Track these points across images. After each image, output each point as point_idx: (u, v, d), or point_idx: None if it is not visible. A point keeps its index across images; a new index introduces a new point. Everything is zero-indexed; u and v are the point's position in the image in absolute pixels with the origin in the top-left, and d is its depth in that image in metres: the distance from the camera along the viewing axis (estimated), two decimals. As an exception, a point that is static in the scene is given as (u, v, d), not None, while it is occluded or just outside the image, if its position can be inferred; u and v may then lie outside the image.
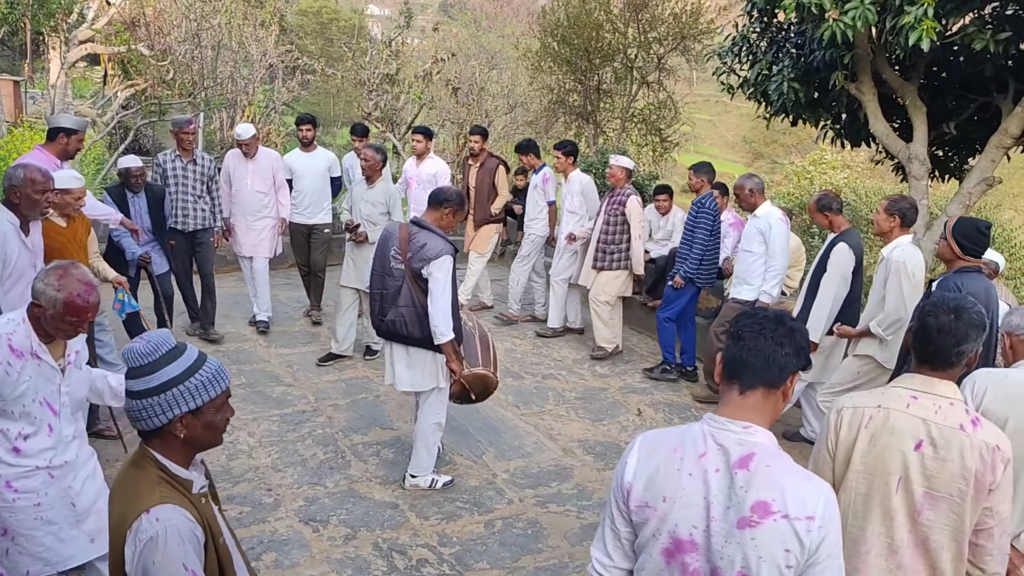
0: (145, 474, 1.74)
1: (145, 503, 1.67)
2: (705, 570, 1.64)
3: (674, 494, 1.67)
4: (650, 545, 1.70)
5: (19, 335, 2.55)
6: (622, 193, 6.57)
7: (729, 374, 1.74)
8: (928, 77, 7.11)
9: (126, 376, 1.76)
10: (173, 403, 1.74)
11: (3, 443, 2.61)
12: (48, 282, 2.52)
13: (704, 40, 11.59)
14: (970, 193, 6.53)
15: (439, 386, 4.23)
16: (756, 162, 35.33)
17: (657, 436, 1.78)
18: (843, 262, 4.88)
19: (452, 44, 17.98)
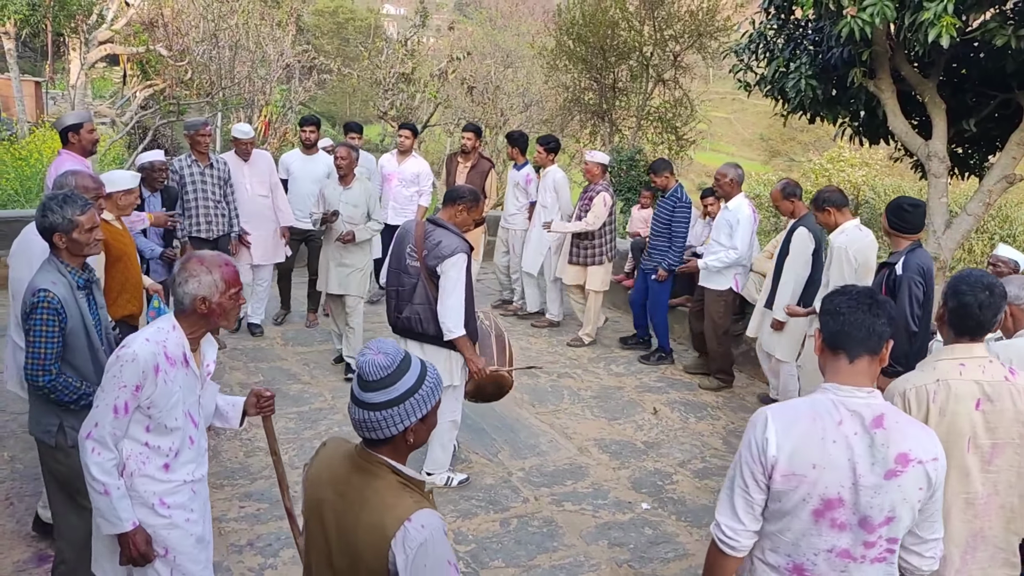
0: (385, 482, 1.76)
1: (403, 511, 1.70)
2: (852, 521, 1.90)
3: (822, 461, 1.88)
4: (798, 509, 1.92)
5: (171, 342, 2.43)
6: (593, 189, 6.75)
7: (834, 346, 1.98)
8: (948, 74, 7.03)
9: (363, 389, 1.74)
10: (411, 411, 1.75)
11: (155, 460, 2.48)
12: (196, 271, 2.42)
13: (720, 37, 11.53)
14: (990, 191, 6.46)
15: (454, 384, 4.24)
16: (773, 159, 35.11)
17: (788, 411, 1.98)
18: (804, 245, 5.22)
19: (467, 43, 18.03)
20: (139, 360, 2.34)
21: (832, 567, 1.93)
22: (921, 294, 3.91)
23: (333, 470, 1.84)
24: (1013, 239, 13.93)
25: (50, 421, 2.87)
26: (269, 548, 3.73)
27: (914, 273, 3.91)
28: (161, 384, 2.39)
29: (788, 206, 5.50)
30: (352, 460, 1.81)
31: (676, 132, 12.18)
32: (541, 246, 7.21)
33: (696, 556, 3.91)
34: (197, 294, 2.42)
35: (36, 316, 2.71)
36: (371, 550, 1.70)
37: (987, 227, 14.10)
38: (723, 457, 5.06)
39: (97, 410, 2.38)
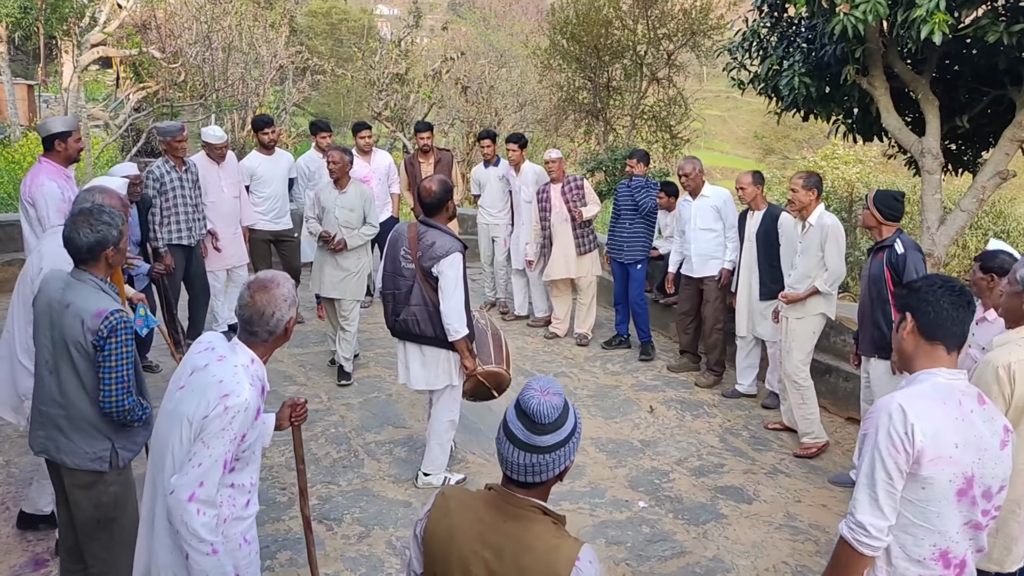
0: (543, 525, 1.70)
1: (570, 551, 1.67)
2: (978, 493, 2.00)
3: (961, 440, 1.98)
4: (945, 491, 1.98)
5: (257, 378, 2.32)
6: (574, 179, 6.94)
7: (933, 338, 2.08)
8: (941, 70, 7.05)
9: (537, 432, 1.66)
10: (573, 449, 1.72)
11: (239, 498, 2.36)
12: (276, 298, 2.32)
13: (714, 35, 11.54)
14: (984, 187, 6.47)
15: (453, 384, 4.24)
16: (767, 157, 35.16)
17: (919, 397, 2.02)
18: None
19: (461, 43, 18.01)
20: (251, 409, 2.24)
21: (965, 538, 2.04)
22: (924, 269, 4.27)
23: (476, 521, 1.73)
24: (1007, 235, 13.96)
25: (102, 446, 2.79)
26: (266, 550, 3.72)
27: (915, 250, 4.30)
28: (259, 426, 2.32)
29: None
30: (498, 507, 1.73)
31: (670, 131, 12.19)
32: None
33: (693, 554, 3.91)
34: (289, 316, 2.34)
35: (118, 339, 2.64)
36: None
37: (981, 223, 14.13)
38: (719, 455, 5.07)
39: (201, 468, 2.17)
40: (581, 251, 6.90)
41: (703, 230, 6.13)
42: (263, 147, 6.73)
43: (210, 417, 2.18)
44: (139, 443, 2.93)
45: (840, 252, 4.96)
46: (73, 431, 2.77)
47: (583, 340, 7.07)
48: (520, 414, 1.69)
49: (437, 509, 1.79)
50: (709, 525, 4.20)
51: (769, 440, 5.34)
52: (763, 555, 3.94)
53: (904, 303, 2.15)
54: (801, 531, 4.18)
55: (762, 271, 5.59)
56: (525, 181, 7.31)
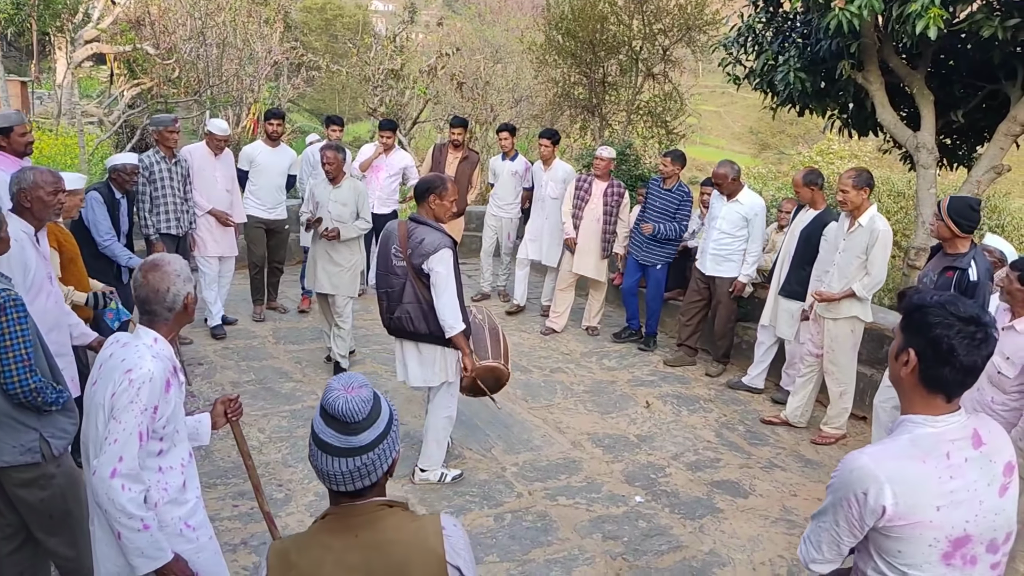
0: (392, 517, 1.61)
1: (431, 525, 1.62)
2: (980, 551, 1.77)
3: (947, 501, 1.73)
4: (926, 554, 1.75)
5: (163, 355, 2.28)
6: (619, 185, 6.92)
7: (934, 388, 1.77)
8: (936, 65, 7.06)
9: (351, 433, 1.55)
10: (395, 441, 1.63)
11: (173, 481, 2.34)
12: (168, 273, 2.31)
13: (709, 31, 11.51)
14: (979, 181, 6.49)
15: (449, 380, 4.24)
16: (763, 152, 35.17)
17: (894, 459, 1.76)
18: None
19: (456, 38, 17.98)
20: (156, 379, 2.20)
21: None
22: (988, 304, 3.86)
23: (324, 558, 1.57)
24: (1002, 229, 13.97)
25: (29, 437, 2.70)
26: (262, 547, 3.72)
27: (987, 279, 3.92)
28: (172, 399, 2.29)
29: (808, 193, 5.51)
30: (344, 526, 1.59)
31: (666, 126, 12.17)
32: (555, 238, 7.27)
33: (689, 548, 3.92)
34: (186, 291, 2.35)
35: (7, 316, 2.57)
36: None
37: (975, 218, 14.13)
38: (715, 450, 5.08)
39: (116, 444, 2.16)
40: (605, 255, 6.97)
41: (724, 233, 6.07)
42: (268, 137, 6.85)
43: (117, 393, 2.17)
44: (68, 431, 2.83)
45: (886, 259, 4.82)
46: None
47: (593, 332, 7.24)
48: (328, 419, 1.56)
49: (275, 570, 1.59)
50: (705, 519, 4.21)
51: (765, 435, 5.35)
52: (759, 549, 3.95)
53: (910, 337, 1.79)
54: (797, 525, 4.19)
55: (792, 269, 5.54)
56: (554, 177, 7.30)
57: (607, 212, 6.83)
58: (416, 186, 4.21)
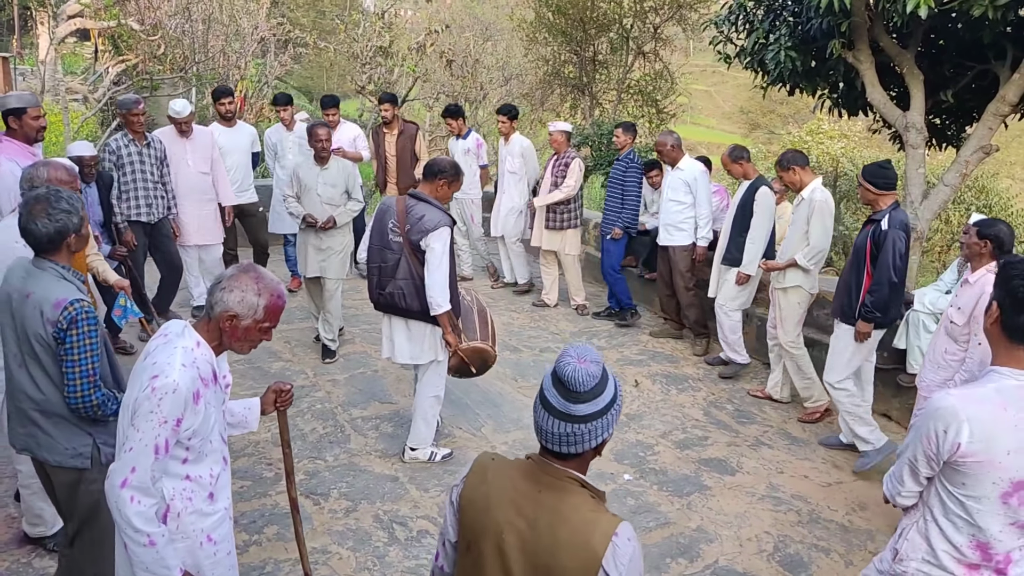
0: (580, 497, 1.66)
1: (607, 526, 1.62)
2: None
3: (1017, 447, 1.96)
4: (987, 492, 2.00)
5: (201, 361, 2.19)
6: (567, 155, 6.95)
7: (1013, 338, 2.01)
8: (926, 45, 7.04)
9: (572, 400, 1.61)
10: (612, 421, 1.67)
11: (199, 492, 2.25)
12: (244, 287, 2.21)
13: (700, 9, 11.46)
14: (967, 161, 6.50)
15: (438, 359, 4.25)
16: (753, 132, 35.15)
17: (976, 402, 2.00)
18: (768, 203, 5.56)
19: (446, 15, 17.78)
20: (181, 390, 2.09)
21: (1013, 537, 2.03)
22: (904, 248, 4.30)
23: (511, 490, 1.69)
24: (989, 209, 14.07)
25: (83, 441, 2.68)
26: (253, 525, 3.73)
27: (899, 228, 4.32)
28: (202, 411, 2.17)
29: (738, 169, 5.78)
30: (535, 477, 1.69)
31: (656, 105, 12.14)
32: (512, 212, 7.45)
33: (677, 524, 3.96)
34: (230, 309, 2.20)
35: (79, 330, 2.51)
36: (577, 569, 1.59)
37: (964, 198, 14.23)
38: (704, 428, 5.12)
39: (131, 453, 2.08)
40: (549, 225, 7.05)
41: (671, 201, 6.32)
42: (222, 118, 6.59)
43: (139, 399, 2.09)
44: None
45: (824, 229, 5.01)
46: (51, 427, 2.66)
47: (582, 311, 7.29)
48: (556, 382, 1.64)
49: (474, 476, 1.76)
50: (693, 497, 4.25)
51: (753, 413, 5.39)
52: (746, 525, 4.00)
53: (996, 291, 2.05)
54: (783, 501, 4.24)
55: (731, 238, 5.76)
56: (511, 151, 7.42)
57: (554, 184, 6.93)
58: (431, 164, 4.17)
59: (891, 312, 4.47)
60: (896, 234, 4.31)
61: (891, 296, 4.35)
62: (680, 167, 6.29)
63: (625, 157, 6.83)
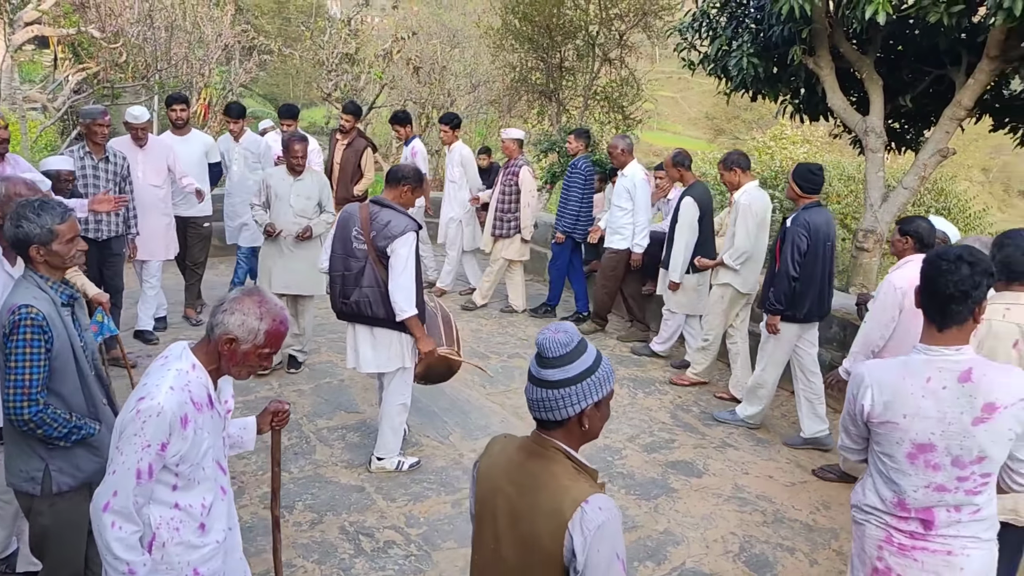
0: (561, 466, 1.76)
1: (579, 493, 1.69)
2: (945, 462, 2.17)
3: (914, 412, 2.18)
4: (894, 448, 2.24)
5: (195, 384, 2.12)
6: (515, 164, 7.02)
7: (923, 312, 2.23)
8: (885, 51, 7.19)
9: (542, 366, 1.75)
10: (588, 393, 1.74)
11: (189, 522, 2.16)
12: (246, 310, 2.14)
13: (665, 16, 11.57)
14: (925, 164, 6.64)
15: (404, 366, 4.21)
16: (718, 138, 35.51)
17: (882, 370, 2.28)
18: (690, 213, 5.78)
19: (413, 22, 17.75)
20: (166, 413, 2.02)
21: (929, 499, 2.21)
22: (804, 245, 4.59)
23: (508, 460, 1.83)
24: (948, 211, 14.36)
25: (34, 466, 2.49)
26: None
27: (799, 227, 4.62)
28: (191, 436, 2.09)
29: (675, 173, 6.09)
30: (526, 447, 1.82)
31: (623, 111, 12.22)
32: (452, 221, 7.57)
33: (644, 528, 3.97)
34: (229, 332, 2.13)
35: (18, 336, 2.35)
36: (547, 533, 1.69)
37: (923, 200, 14.49)
38: (670, 431, 5.14)
39: (114, 476, 2.01)
40: (492, 233, 7.17)
41: (616, 206, 6.49)
42: (174, 126, 6.32)
43: (125, 421, 2.05)
44: (84, 469, 2.55)
45: (747, 231, 5.25)
46: (11, 444, 2.52)
47: (507, 308, 7.42)
48: (536, 353, 1.78)
49: (487, 451, 1.92)
50: (660, 500, 4.26)
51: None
52: (712, 526, 4.02)
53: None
54: (748, 502, 4.27)
55: (668, 241, 6.04)
56: (452, 160, 7.51)
57: (502, 192, 7.01)
58: (395, 170, 4.13)
59: (801, 306, 4.71)
60: (795, 231, 4.61)
61: (793, 289, 4.63)
62: (624, 173, 6.42)
63: (575, 163, 6.92)
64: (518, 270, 7.37)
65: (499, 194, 7.07)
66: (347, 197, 7.13)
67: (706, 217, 5.87)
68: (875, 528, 2.33)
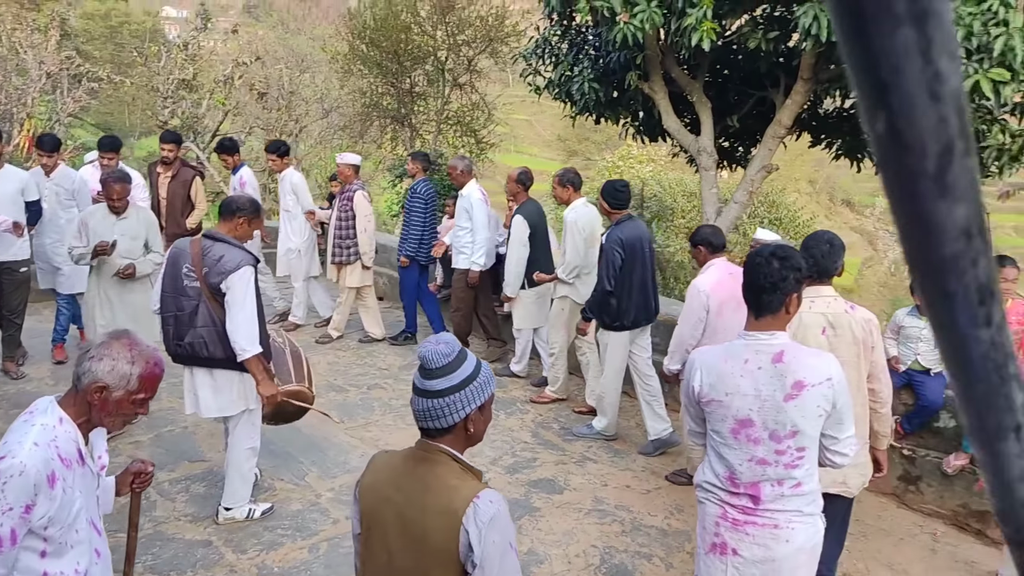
0: (447, 467, 1.81)
1: (469, 491, 1.75)
2: (763, 436, 2.38)
3: (734, 390, 2.40)
4: (720, 424, 2.46)
5: (63, 439, 1.95)
6: (350, 189, 6.91)
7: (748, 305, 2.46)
8: (713, 75, 7.66)
9: (426, 377, 1.79)
10: (471, 398, 1.81)
11: None
12: (116, 355, 2.00)
13: (511, 42, 11.84)
14: (753, 180, 7.11)
15: (250, 408, 3.99)
16: (571, 159, 36.72)
17: (707, 355, 2.53)
18: (520, 231, 5.93)
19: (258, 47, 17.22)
20: (28, 473, 1.84)
21: (754, 472, 2.42)
22: (618, 260, 4.85)
23: (392, 470, 1.87)
24: (779, 222, 15.52)
25: None
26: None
27: (613, 243, 4.86)
28: (60, 495, 1.91)
29: (513, 188, 6.18)
30: (412, 455, 1.86)
31: (475, 135, 12.37)
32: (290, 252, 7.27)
33: (510, 553, 3.94)
34: (99, 379, 1.99)
35: None
36: (441, 532, 1.73)
37: (757, 212, 15.58)
38: (532, 449, 5.17)
39: None
40: (333, 261, 6.99)
41: (457, 226, 6.58)
42: None
43: None
44: None
45: (574, 245, 5.48)
46: None
47: (365, 338, 7.26)
48: (419, 364, 1.83)
49: (368, 468, 1.95)
50: (523, 520, 4.26)
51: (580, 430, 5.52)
52: (573, 542, 4.06)
53: None
54: (608, 513, 4.36)
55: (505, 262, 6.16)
56: (283, 189, 7.25)
57: (339, 218, 6.90)
58: (228, 201, 3.91)
59: (627, 315, 4.98)
60: (610, 248, 4.87)
61: (608, 302, 4.92)
62: (462, 193, 6.51)
63: (414, 187, 6.94)
64: (369, 297, 7.21)
65: (336, 220, 6.89)
66: (178, 232, 6.56)
67: (538, 233, 6.02)
68: (713, 505, 2.53)
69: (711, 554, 2.53)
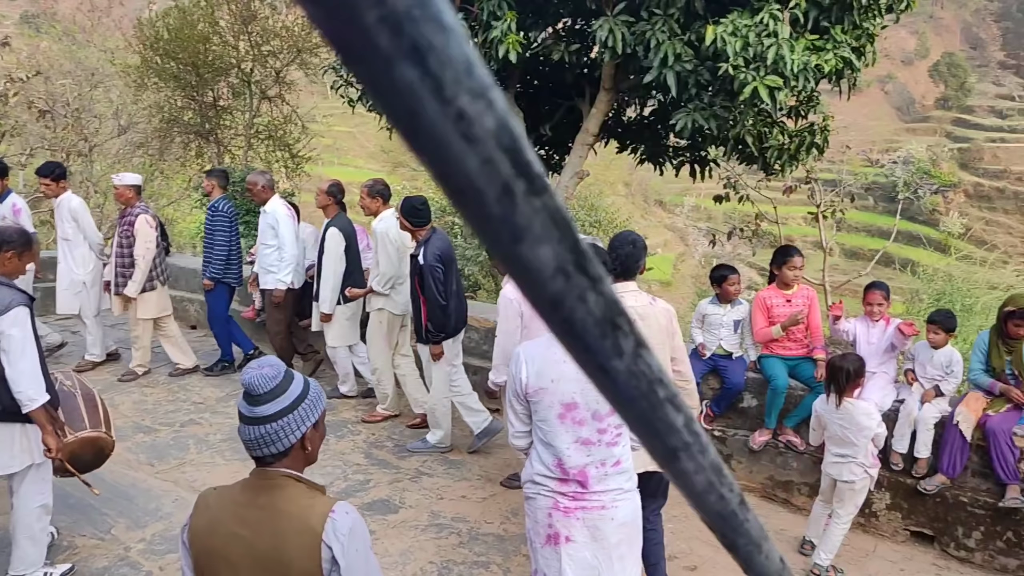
0: (294, 489, 1.77)
1: (323, 507, 1.74)
2: (587, 416, 2.55)
3: (559, 376, 2.54)
4: (547, 412, 2.58)
5: None
6: (131, 213, 6.33)
7: None
8: (524, 85, 7.88)
9: (254, 404, 1.74)
10: (305, 417, 1.78)
11: None
12: None
13: (320, 53, 11.53)
14: (567, 186, 7.37)
15: (36, 462, 3.56)
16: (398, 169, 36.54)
17: (532, 346, 2.66)
18: (336, 243, 5.71)
19: (41, 60, 15.62)
20: None
21: (580, 453, 2.54)
22: (441, 276, 4.89)
23: (231, 505, 1.79)
24: (599, 224, 16.32)
25: None
26: None
27: (432, 261, 4.86)
28: None
29: (324, 200, 5.87)
30: (251, 486, 1.79)
31: (289, 149, 11.92)
32: (74, 285, 6.48)
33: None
34: None
35: None
36: (301, 553, 1.70)
37: (578, 216, 16.28)
38: (365, 471, 5.03)
39: None
40: (116, 292, 6.31)
41: (263, 244, 6.25)
42: None
43: None
44: None
45: (386, 256, 5.41)
46: None
47: (175, 371, 6.71)
48: (244, 392, 1.77)
49: (197, 510, 1.85)
50: (358, 547, 4.12)
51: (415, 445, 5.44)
52: (411, 561, 3.98)
53: None
54: (445, 527, 4.32)
55: (316, 274, 5.91)
56: (60, 216, 6.43)
57: (119, 244, 6.29)
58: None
59: (449, 325, 5.03)
60: (430, 266, 4.85)
61: (446, 316, 4.93)
62: (265, 209, 6.23)
63: (214, 205, 6.58)
64: (169, 325, 6.61)
65: (117, 247, 6.25)
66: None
67: (352, 247, 5.84)
68: (544, 498, 2.61)
69: (547, 547, 2.62)
